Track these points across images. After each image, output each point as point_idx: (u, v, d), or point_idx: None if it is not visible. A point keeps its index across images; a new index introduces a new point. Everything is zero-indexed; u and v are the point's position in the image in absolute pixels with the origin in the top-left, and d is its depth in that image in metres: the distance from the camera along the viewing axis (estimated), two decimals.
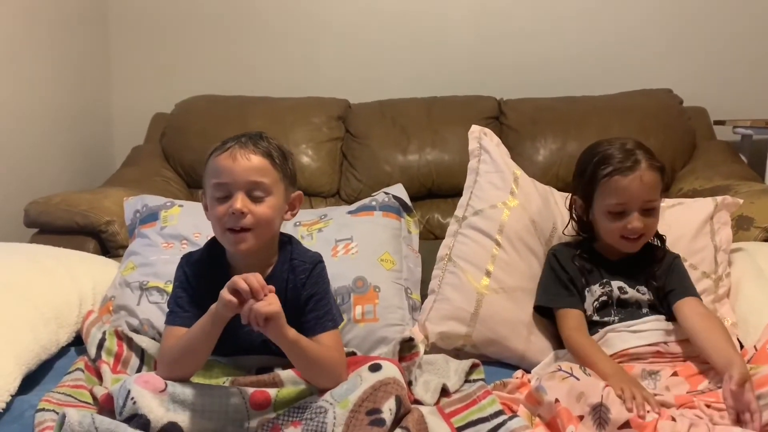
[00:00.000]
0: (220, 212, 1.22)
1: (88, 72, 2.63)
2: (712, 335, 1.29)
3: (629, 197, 1.39)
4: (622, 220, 1.41)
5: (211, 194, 1.24)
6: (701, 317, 1.35)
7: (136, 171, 2.35)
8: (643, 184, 1.38)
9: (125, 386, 1.12)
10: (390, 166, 2.29)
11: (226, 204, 1.21)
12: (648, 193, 1.39)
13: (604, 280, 1.45)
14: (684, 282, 1.44)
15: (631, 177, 1.38)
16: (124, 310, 1.56)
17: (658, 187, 1.41)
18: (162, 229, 1.72)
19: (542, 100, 2.40)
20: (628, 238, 1.42)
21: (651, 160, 1.40)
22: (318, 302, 1.27)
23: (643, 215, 1.40)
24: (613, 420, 1.10)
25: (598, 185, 1.42)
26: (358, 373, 1.17)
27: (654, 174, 1.39)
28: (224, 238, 1.25)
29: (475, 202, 1.63)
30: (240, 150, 1.22)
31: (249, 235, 1.22)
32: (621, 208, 1.41)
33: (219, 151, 1.24)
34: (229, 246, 1.25)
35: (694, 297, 1.41)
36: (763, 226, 1.72)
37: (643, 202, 1.40)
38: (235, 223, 1.21)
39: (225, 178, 1.22)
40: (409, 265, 1.70)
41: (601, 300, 1.43)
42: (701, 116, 2.43)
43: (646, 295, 1.43)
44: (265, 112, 2.38)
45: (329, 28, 2.70)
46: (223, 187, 1.22)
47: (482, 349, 1.51)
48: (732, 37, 2.60)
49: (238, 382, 1.23)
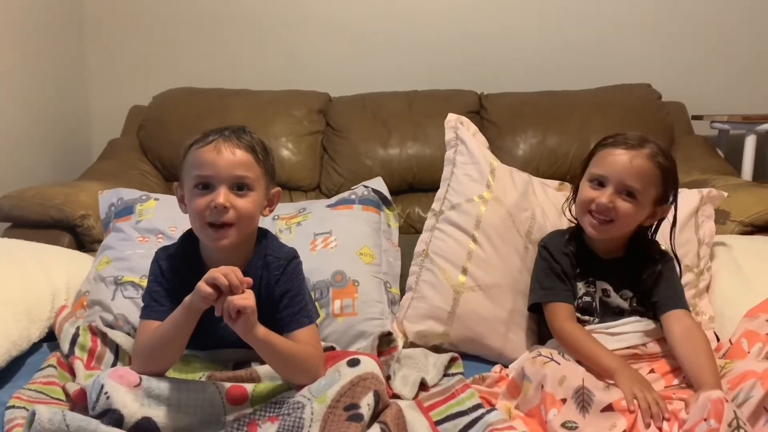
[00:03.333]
0: (200, 205, 1.19)
1: (65, 63, 2.58)
2: (692, 354, 1.25)
3: (611, 170, 1.34)
4: (596, 193, 1.35)
5: (191, 186, 1.22)
6: (686, 333, 1.30)
7: (113, 164, 2.32)
8: (632, 164, 1.32)
9: (99, 381, 1.10)
10: (371, 159, 2.28)
11: (207, 197, 1.19)
12: (632, 175, 1.32)
13: (590, 278, 1.42)
14: (673, 291, 1.39)
15: (623, 153, 1.33)
16: (98, 305, 1.53)
17: (647, 180, 1.33)
18: (137, 223, 1.70)
19: (523, 95, 2.40)
20: (594, 216, 1.36)
21: (657, 154, 1.33)
22: (293, 298, 1.25)
23: (618, 197, 1.33)
24: (596, 402, 1.10)
25: (594, 156, 1.39)
26: (336, 368, 1.16)
27: (649, 164, 1.32)
28: (204, 232, 1.22)
29: (451, 195, 1.62)
30: (224, 143, 1.20)
31: (231, 231, 1.20)
32: (600, 179, 1.35)
33: (201, 143, 1.21)
34: (209, 241, 1.23)
35: (682, 309, 1.35)
36: (739, 220, 1.74)
37: (622, 183, 1.32)
38: (217, 218, 1.19)
39: (208, 171, 1.19)
40: (388, 259, 1.69)
41: (585, 300, 1.42)
42: (680, 111, 2.45)
43: (630, 301, 1.41)
44: (245, 104, 2.36)
45: (310, 21, 2.68)
46: (206, 180, 1.20)
47: (460, 347, 1.51)
48: (710, 34, 2.63)
49: (215, 377, 1.22)
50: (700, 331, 1.33)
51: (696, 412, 1.08)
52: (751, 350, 1.31)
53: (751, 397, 1.08)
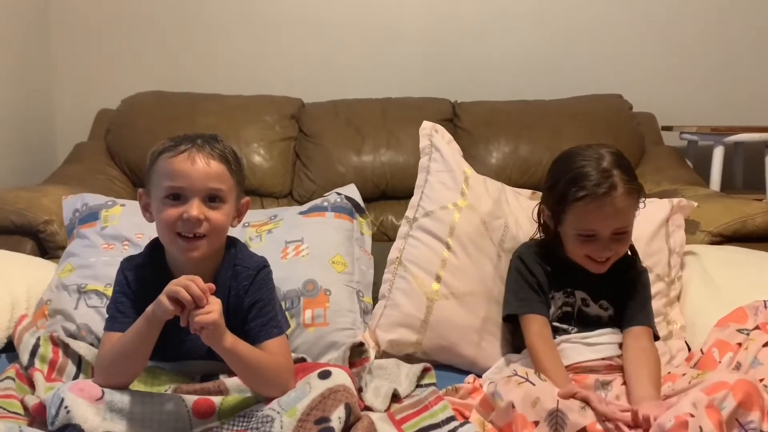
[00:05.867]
0: (171, 216, 1.16)
1: (30, 64, 2.52)
2: (638, 369, 1.28)
3: (600, 225, 1.31)
4: (591, 245, 1.33)
5: (161, 196, 1.18)
6: (639, 352, 1.32)
7: (79, 168, 2.26)
8: (617, 211, 1.29)
9: (59, 394, 1.06)
10: (344, 166, 2.27)
11: (178, 208, 1.16)
12: (621, 220, 1.31)
13: (568, 289, 1.42)
14: (640, 307, 1.40)
15: (605, 203, 1.28)
16: (60, 315, 1.49)
17: (632, 212, 1.32)
18: (102, 230, 1.65)
19: (496, 103, 2.41)
20: (594, 261, 1.36)
21: (628, 182, 1.30)
22: (262, 309, 1.22)
23: (614, 241, 1.32)
24: (570, 425, 1.09)
25: (569, 207, 1.32)
26: (306, 381, 1.14)
27: (630, 199, 1.30)
28: (174, 243, 1.19)
29: (425, 202, 1.62)
30: (198, 153, 1.17)
31: (202, 242, 1.18)
32: (591, 233, 1.32)
33: (172, 152, 1.18)
34: (179, 252, 1.19)
35: (644, 327, 1.37)
36: (709, 230, 1.76)
37: (613, 229, 1.31)
38: (189, 230, 1.16)
39: (181, 182, 1.16)
40: (361, 268, 1.67)
41: (564, 309, 1.42)
42: (650, 122, 2.48)
43: (608, 311, 1.41)
44: (215, 109, 2.32)
45: (282, 25, 2.66)
46: (178, 192, 1.17)
47: (433, 355, 1.50)
48: (680, 46, 2.68)
49: (181, 389, 1.19)
50: (654, 352, 1.34)
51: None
52: (722, 360, 1.32)
53: (724, 408, 1.08)
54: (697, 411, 1.06)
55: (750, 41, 2.68)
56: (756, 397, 1.09)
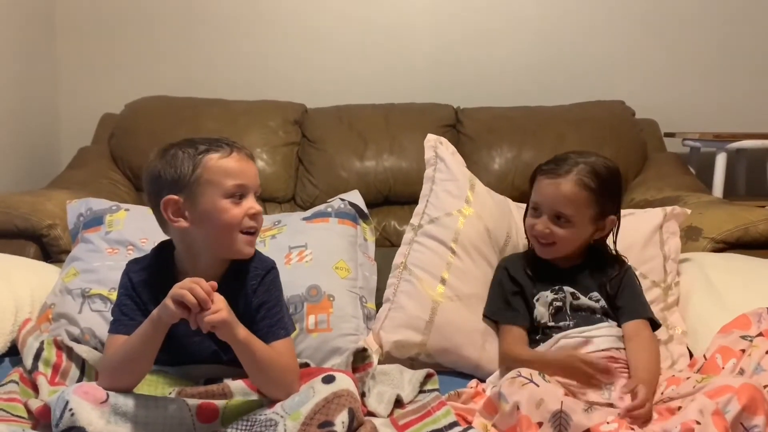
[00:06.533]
0: (238, 214, 1.19)
1: (35, 68, 2.53)
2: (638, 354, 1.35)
3: (543, 198, 1.43)
4: (535, 220, 1.44)
5: (220, 196, 1.19)
6: (640, 340, 1.38)
7: (83, 173, 2.27)
8: (559, 192, 1.40)
9: (63, 396, 1.06)
10: (347, 172, 2.27)
11: (241, 206, 1.20)
12: (560, 203, 1.40)
13: (556, 286, 1.45)
14: (634, 301, 1.45)
15: (552, 181, 1.41)
16: (64, 319, 1.49)
17: (577, 204, 1.40)
18: (107, 234, 1.65)
19: (499, 110, 2.42)
20: (539, 241, 1.45)
21: (584, 176, 1.39)
22: (270, 310, 1.23)
23: (554, 223, 1.42)
24: (573, 426, 1.09)
25: (536, 180, 1.47)
26: (310, 385, 1.14)
27: (577, 189, 1.39)
28: (236, 242, 1.21)
29: (430, 210, 1.62)
30: (243, 152, 1.23)
31: (256, 237, 1.25)
32: (535, 206, 1.44)
33: (219, 153, 1.19)
34: (242, 248, 1.22)
35: (642, 320, 1.42)
36: (711, 237, 1.76)
37: (553, 210, 1.41)
38: (257, 225, 1.22)
39: (244, 179, 1.21)
40: (364, 273, 1.67)
41: (556, 305, 1.44)
42: (652, 128, 2.49)
43: (600, 302, 1.44)
44: (219, 114, 2.33)
45: (286, 31, 2.67)
46: (243, 190, 1.21)
47: (437, 357, 1.50)
48: (682, 53, 2.69)
49: (185, 393, 1.18)
50: (654, 342, 1.41)
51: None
52: (726, 366, 1.32)
53: (728, 411, 1.08)
54: (704, 418, 1.06)
55: (752, 47, 2.69)
56: (760, 402, 1.09)
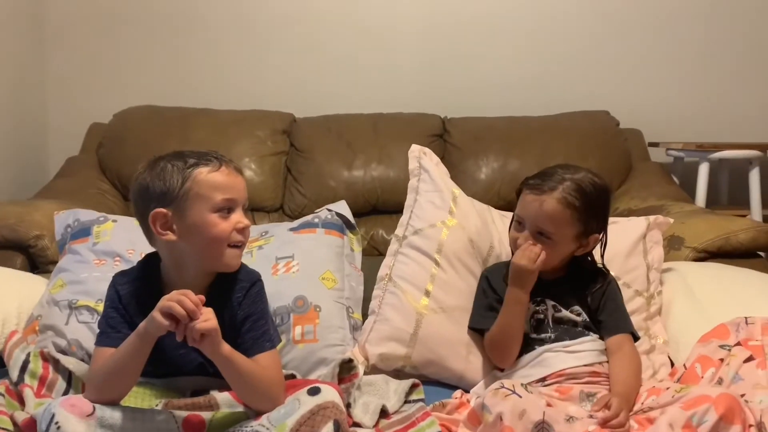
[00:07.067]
0: (227, 228, 1.20)
1: (23, 77, 2.53)
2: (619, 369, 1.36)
3: (526, 214, 1.41)
4: (518, 234, 1.43)
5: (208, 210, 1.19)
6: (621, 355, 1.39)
7: (71, 182, 2.27)
8: (541, 209, 1.38)
9: (50, 409, 1.06)
10: (335, 181, 2.29)
11: (228, 220, 1.20)
12: (542, 219, 1.38)
13: (538, 298, 1.46)
14: (616, 315, 1.45)
15: (536, 197, 1.39)
16: (51, 330, 1.48)
17: (559, 222, 1.38)
18: (94, 245, 1.65)
19: (485, 120, 2.44)
20: None
21: (569, 194, 1.37)
22: (255, 322, 1.23)
23: (536, 238, 1.40)
24: None
25: (522, 193, 1.46)
26: (296, 397, 1.14)
27: (559, 207, 1.37)
28: (223, 255, 1.21)
29: (414, 221, 1.64)
30: (231, 165, 1.23)
31: (243, 249, 1.25)
32: (520, 220, 1.43)
33: (208, 167, 1.19)
34: (230, 261, 1.22)
35: (625, 334, 1.42)
36: (693, 246, 1.79)
37: (535, 226, 1.39)
38: (245, 238, 1.23)
39: (233, 194, 1.21)
40: (351, 284, 1.68)
41: (537, 318, 1.45)
42: (637, 138, 2.52)
43: (581, 316, 1.44)
44: (208, 124, 2.34)
45: (274, 41, 2.69)
46: (231, 204, 1.21)
47: (422, 369, 1.51)
48: (667, 63, 2.73)
49: (172, 404, 1.18)
50: (636, 356, 1.41)
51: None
52: (705, 375, 1.34)
53: (705, 421, 1.09)
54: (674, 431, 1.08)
55: (736, 60, 2.73)
56: (738, 411, 1.11)
